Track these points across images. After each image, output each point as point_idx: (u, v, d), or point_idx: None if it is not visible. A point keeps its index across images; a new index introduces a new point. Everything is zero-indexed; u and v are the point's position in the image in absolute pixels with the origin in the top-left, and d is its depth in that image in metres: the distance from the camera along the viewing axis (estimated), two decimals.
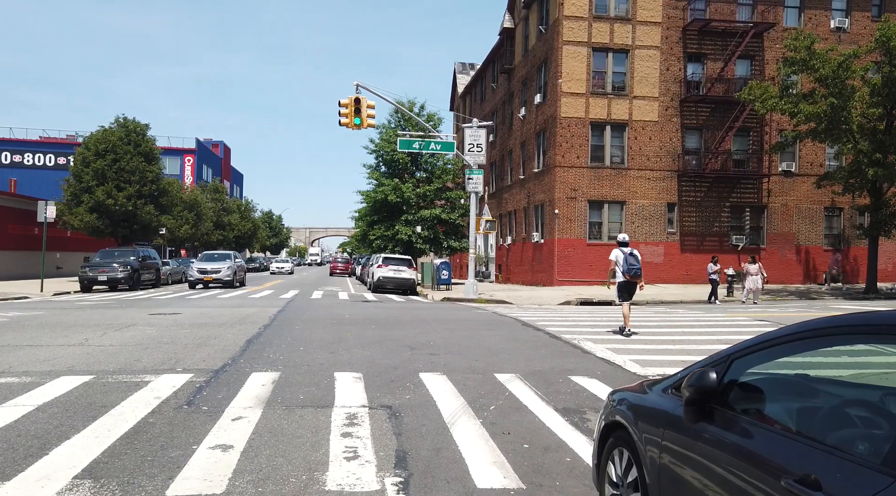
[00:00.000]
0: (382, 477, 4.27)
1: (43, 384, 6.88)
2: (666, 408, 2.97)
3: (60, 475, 4.17)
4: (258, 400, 6.33)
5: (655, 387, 3.30)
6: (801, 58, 22.19)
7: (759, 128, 29.85)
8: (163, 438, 5.02)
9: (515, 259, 35.12)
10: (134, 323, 12.94)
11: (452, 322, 14.20)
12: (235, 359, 8.63)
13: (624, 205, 29.05)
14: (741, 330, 12.68)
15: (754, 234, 30.19)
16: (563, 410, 6.15)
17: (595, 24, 28.67)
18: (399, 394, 6.68)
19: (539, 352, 9.71)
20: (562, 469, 4.54)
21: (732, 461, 2.38)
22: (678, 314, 16.88)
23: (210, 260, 30.33)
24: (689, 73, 29.54)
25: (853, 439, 2.19)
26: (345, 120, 20.71)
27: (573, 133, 28.73)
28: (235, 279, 29.86)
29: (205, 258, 31.07)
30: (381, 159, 37.38)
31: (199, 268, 29.03)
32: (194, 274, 28.87)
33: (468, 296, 22.27)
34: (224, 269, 28.92)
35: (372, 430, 5.33)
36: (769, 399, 2.65)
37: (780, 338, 2.55)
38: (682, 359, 9.04)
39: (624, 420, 3.31)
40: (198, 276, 28.76)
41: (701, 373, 2.63)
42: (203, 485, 4.05)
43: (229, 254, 31.47)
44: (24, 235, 34.96)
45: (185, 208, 46.77)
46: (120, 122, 36.78)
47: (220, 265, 29.16)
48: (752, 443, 2.35)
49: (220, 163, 78.40)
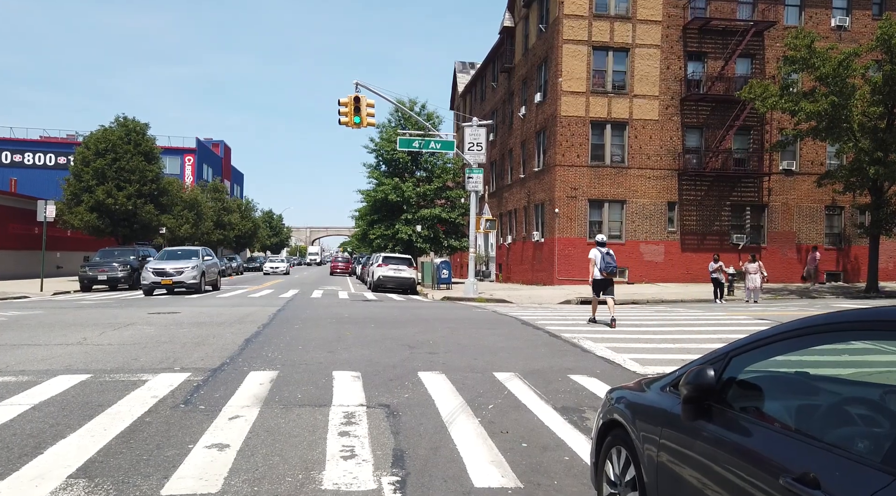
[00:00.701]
0: (379, 476, 4.24)
1: (40, 383, 6.85)
2: (664, 407, 2.94)
3: (55, 474, 4.14)
4: (256, 399, 6.31)
5: (654, 385, 3.27)
6: (801, 56, 22.14)
7: (759, 126, 29.80)
8: (159, 437, 4.99)
9: (516, 258, 35.08)
10: (133, 322, 12.91)
11: (452, 321, 14.17)
12: (234, 358, 8.60)
13: (624, 204, 29.00)
14: (741, 329, 12.64)
15: (755, 233, 30.13)
16: (562, 409, 6.12)
17: (595, 22, 28.62)
18: (397, 393, 6.65)
19: (538, 351, 9.68)
20: (560, 468, 4.51)
21: (731, 459, 2.35)
22: (678, 313, 16.85)
23: (172, 258, 24.51)
24: (690, 72, 29.48)
25: (853, 437, 2.15)
26: (344, 119, 20.68)
27: (573, 132, 28.68)
28: (204, 282, 24.43)
29: (165, 256, 25.03)
30: (381, 158, 37.35)
31: (156, 268, 23.00)
32: (149, 276, 22.68)
33: (468, 296, 22.24)
34: (188, 270, 23.22)
35: (369, 429, 5.30)
36: (768, 397, 2.62)
37: (778, 335, 2.52)
38: (681, 358, 9.01)
39: (622, 418, 3.28)
40: (153, 280, 22.64)
41: (699, 370, 2.60)
42: (198, 484, 4.02)
43: (197, 250, 25.55)
44: (25, 235, 34.95)
45: (185, 208, 46.77)
46: (120, 122, 36.76)
47: (184, 264, 23.45)
48: (751, 442, 2.32)
49: (221, 162, 78.40)
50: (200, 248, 26.09)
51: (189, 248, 26.82)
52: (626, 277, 28.58)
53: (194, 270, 23.39)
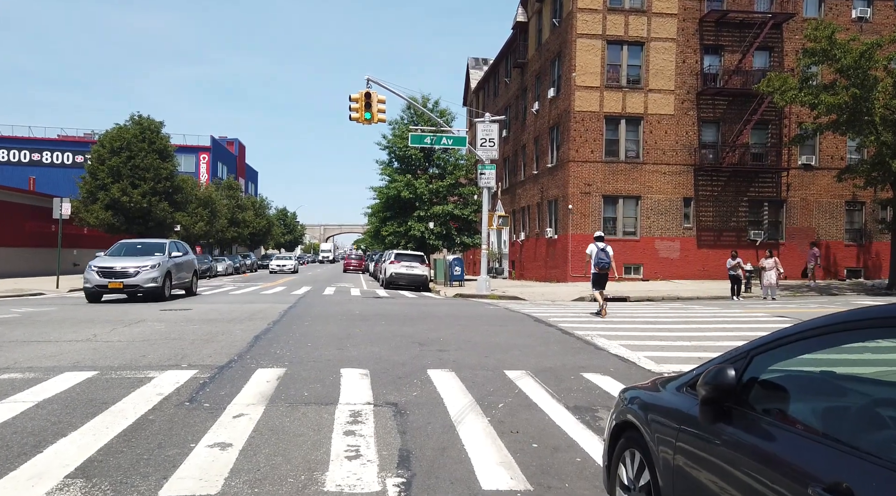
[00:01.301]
0: (384, 477, 4.10)
1: (45, 380, 6.80)
2: (680, 408, 2.78)
3: (53, 474, 4.05)
4: (261, 397, 6.20)
5: (669, 385, 3.11)
6: (821, 48, 21.65)
7: (777, 120, 29.28)
8: (161, 436, 4.90)
9: (529, 255, 34.84)
10: (143, 318, 12.91)
11: (463, 318, 14.02)
12: (242, 355, 8.52)
13: (639, 199, 28.65)
14: (760, 326, 12.36)
15: (773, 229, 29.65)
16: (575, 408, 5.95)
17: (609, 16, 28.27)
18: (406, 392, 6.52)
19: (551, 349, 9.51)
20: (572, 470, 4.35)
21: (753, 465, 2.19)
22: (694, 310, 16.57)
23: (129, 253, 18.52)
24: (706, 66, 29.03)
25: (888, 443, 1.98)
26: (355, 114, 20.56)
27: (587, 127, 28.37)
28: (170, 285, 18.48)
29: (120, 250, 18.94)
30: (393, 155, 37.27)
31: (103, 266, 17.31)
32: (92, 277, 17.12)
33: (480, 293, 22.08)
34: (146, 270, 17.37)
35: (376, 429, 5.17)
36: (792, 398, 2.44)
37: (804, 333, 2.35)
38: (698, 356, 8.80)
39: (636, 419, 3.12)
40: (98, 282, 17.05)
41: (718, 370, 2.43)
42: (198, 485, 3.91)
43: (162, 243, 19.51)
44: (42, 233, 35.34)
45: (199, 205, 47.00)
46: (135, 120, 37.03)
47: (141, 262, 17.61)
48: (776, 447, 2.15)
49: (235, 160, 78.80)
50: (168, 241, 19.83)
51: (153, 240, 20.79)
52: (640, 274, 28.26)
53: (154, 270, 17.56)
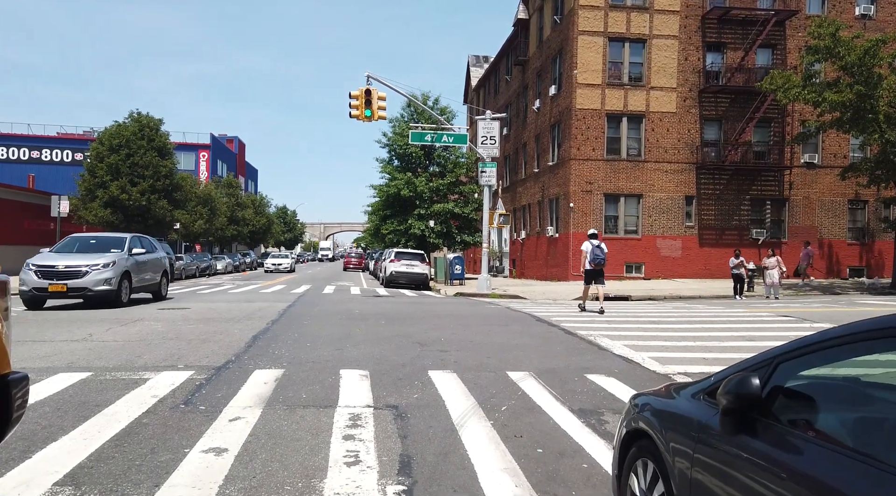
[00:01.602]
0: (384, 484, 3.96)
1: (38, 381, 6.64)
2: (698, 417, 2.63)
3: (39, 481, 3.90)
4: (259, 399, 6.05)
5: (683, 391, 2.95)
6: (825, 45, 21.49)
7: (780, 118, 29.12)
8: (154, 441, 4.75)
9: (530, 253, 34.69)
10: (141, 318, 12.76)
11: (464, 317, 13.88)
12: (239, 356, 8.37)
13: (641, 198, 28.49)
14: (764, 326, 12.22)
15: (775, 228, 29.49)
16: (580, 411, 5.80)
17: (611, 13, 28.09)
18: (406, 394, 6.37)
19: (553, 349, 9.36)
20: (578, 477, 4.21)
21: (780, 482, 2.03)
22: (698, 309, 16.42)
23: (82, 249, 15.74)
24: (709, 63, 28.85)
25: None
26: (355, 112, 20.40)
27: (588, 125, 28.20)
28: (127, 288, 15.44)
29: (70, 245, 16.07)
30: (393, 153, 37.10)
31: (42, 265, 14.57)
32: (30, 278, 14.36)
33: (481, 292, 21.93)
34: (96, 270, 14.61)
35: (376, 433, 5.02)
36: (820, 409, 2.29)
37: (835, 340, 2.19)
38: (703, 357, 8.66)
39: (649, 428, 2.97)
40: (36, 284, 14.31)
41: (742, 378, 2.28)
42: (191, 492, 3.76)
43: (122, 238, 16.39)
44: (41, 230, 35.16)
45: (199, 203, 46.84)
46: (134, 117, 36.85)
47: (91, 260, 14.82)
48: (804, 463, 2.00)
49: (235, 158, 78.59)
50: (129, 236, 16.54)
51: (110, 234, 17.57)
52: (642, 273, 28.11)
53: (108, 270, 14.77)
